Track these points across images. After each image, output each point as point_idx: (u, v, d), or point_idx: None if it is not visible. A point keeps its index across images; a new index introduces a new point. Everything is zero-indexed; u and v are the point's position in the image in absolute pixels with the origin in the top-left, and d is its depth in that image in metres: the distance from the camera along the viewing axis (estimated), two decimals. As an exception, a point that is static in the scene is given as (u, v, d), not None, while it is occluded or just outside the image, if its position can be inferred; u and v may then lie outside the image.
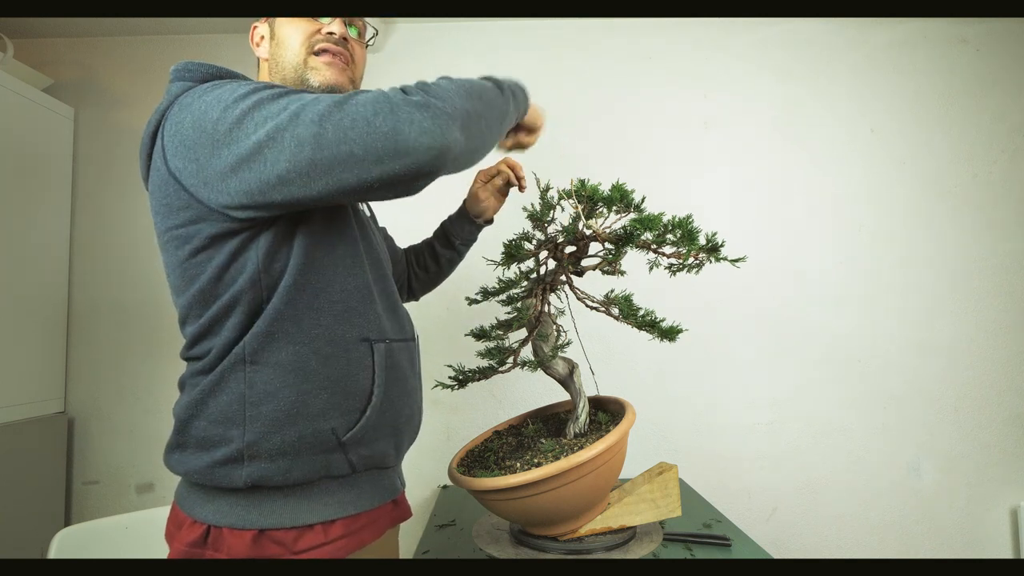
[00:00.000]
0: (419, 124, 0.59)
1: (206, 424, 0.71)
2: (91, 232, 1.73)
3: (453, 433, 1.71)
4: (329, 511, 0.73)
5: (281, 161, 0.59)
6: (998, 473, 1.67)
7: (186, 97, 0.67)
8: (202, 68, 0.72)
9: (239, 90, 0.64)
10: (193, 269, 0.71)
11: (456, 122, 0.62)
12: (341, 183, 0.60)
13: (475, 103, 0.68)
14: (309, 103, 0.60)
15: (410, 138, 0.58)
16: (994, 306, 1.70)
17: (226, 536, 0.70)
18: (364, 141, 0.58)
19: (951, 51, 1.77)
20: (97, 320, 1.71)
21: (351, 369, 0.75)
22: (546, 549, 0.98)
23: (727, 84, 1.77)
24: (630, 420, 0.96)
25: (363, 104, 0.59)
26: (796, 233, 1.74)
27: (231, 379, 0.71)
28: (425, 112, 0.59)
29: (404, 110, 0.59)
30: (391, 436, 0.80)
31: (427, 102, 0.60)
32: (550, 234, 1.06)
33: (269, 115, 0.60)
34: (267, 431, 0.70)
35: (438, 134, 0.60)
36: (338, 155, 0.58)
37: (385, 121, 0.58)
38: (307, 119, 0.58)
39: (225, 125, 0.62)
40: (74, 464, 1.68)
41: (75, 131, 1.74)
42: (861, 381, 1.70)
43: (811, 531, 1.68)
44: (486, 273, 1.19)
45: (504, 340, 1.02)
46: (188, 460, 0.72)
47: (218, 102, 0.63)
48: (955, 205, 1.73)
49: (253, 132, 0.60)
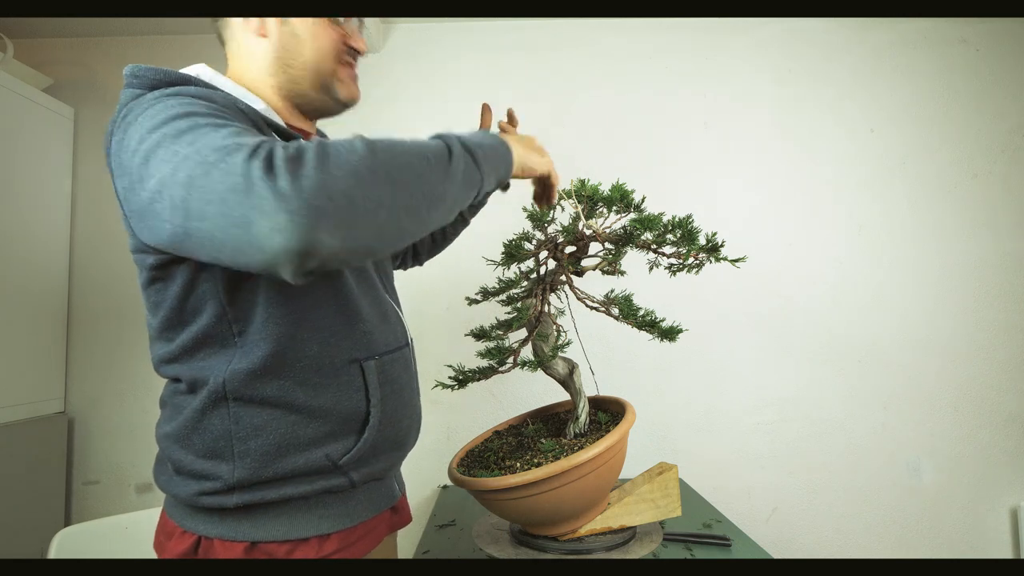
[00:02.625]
0: (271, 218, 0.46)
1: (192, 458, 0.68)
2: (91, 232, 1.73)
3: (453, 433, 1.71)
4: (325, 524, 0.71)
5: (166, 224, 0.52)
6: (998, 473, 1.67)
7: (129, 113, 0.61)
8: (150, 73, 0.66)
9: (157, 118, 0.56)
10: (155, 296, 0.68)
11: (326, 219, 0.47)
12: (219, 261, 0.51)
13: (380, 187, 0.52)
14: (191, 155, 0.50)
15: (260, 234, 0.46)
16: (994, 306, 1.70)
17: (217, 548, 0.67)
18: (219, 224, 0.48)
19: (951, 51, 1.77)
20: (97, 320, 1.71)
21: (343, 394, 0.71)
22: (546, 549, 0.98)
23: (727, 84, 1.77)
24: (630, 420, 0.96)
25: (224, 175, 0.47)
26: (796, 233, 1.74)
27: (214, 415, 0.67)
28: (281, 203, 0.46)
29: (259, 196, 0.46)
30: (392, 450, 0.78)
31: (292, 190, 0.46)
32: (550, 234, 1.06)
33: (163, 161, 0.52)
34: (257, 466, 0.67)
35: (293, 234, 0.46)
36: (202, 232, 0.49)
37: (237, 205, 0.46)
38: (180, 179, 0.50)
39: (135, 164, 0.55)
40: (74, 464, 1.68)
41: (75, 131, 1.74)
42: (861, 381, 1.70)
43: (811, 531, 1.68)
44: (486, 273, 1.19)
45: (504, 340, 1.02)
46: (176, 486, 0.69)
47: (137, 134, 0.56)
48: (955, 205, 1.73)
49: (149, 181, 0.53)
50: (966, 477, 1.67)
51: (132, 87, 0.66)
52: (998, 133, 1.74)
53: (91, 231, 1.73)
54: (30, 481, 1.51)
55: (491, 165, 0.68)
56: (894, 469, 1.68)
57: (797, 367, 1.71)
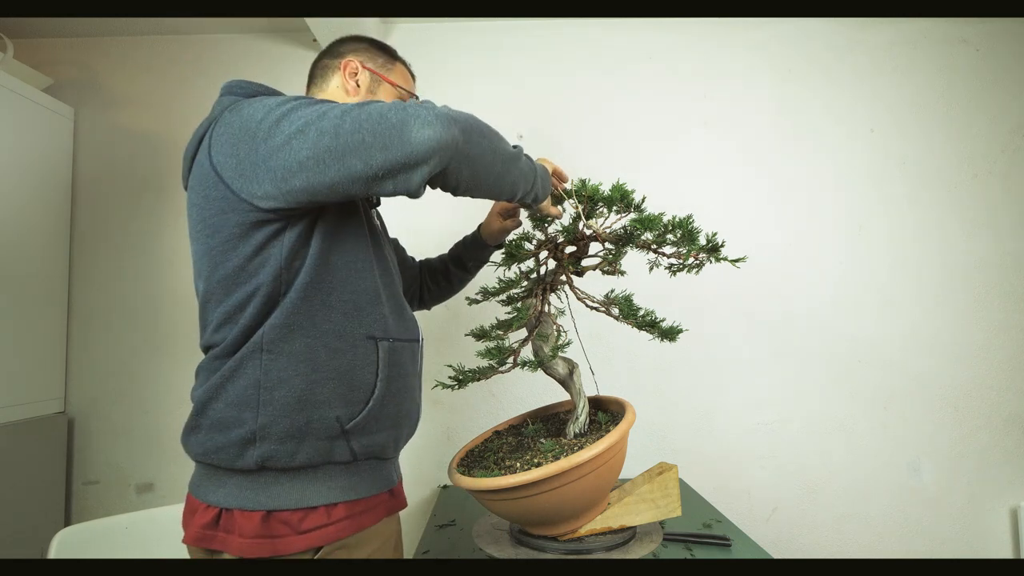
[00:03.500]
0: (424, 118, 0.67)
1: (223, 407, 0.77)
2: (91, 232, 1.73)
3: (453, 433, 1.71)
4: (332, 495, 0.79)
5: (304, 148, 0.68)
6: (998, 473, 1.67)
7: (235, 106, 0.77)
8: (250, 86, 0.83)
9: (283, 98, 0.74)
10: (220, 256, 0.78)
11: (457, 124, 0.71)
12: (350, 170, 0.68)
13: (481, 132, 0.76)
14: (338, 104, 0.70)
15: (414, 128, 0.67)
16: (994, 306, 1.70)
17: (236, 517, 0.75)
18: (375, 129, 0.67)
19: (951, 51, 1.77)
20: (97, 320, 1.71)
21: (357, 363, 0.81)
22: (546, 549, 0.98)
23: (727, 84, 1.77)
24: (630, 420, 0.96)
25: (381, 104, 0.69)
26: (796, 233, 1.74)
27: (248, 365, 0.77)
28: (432, 112, 0.68)
29: (414, 108, 0.68)
30: (391, 428, 0.86)
31: (435, 108, 0.69)
32: (550, 234, 1.06)
33: (303, 115, 0.69)
34: (278, 415, 0.76)
35: (440, 128, 0.68)
36: (351, 143, 0.67)
37: (396, 115, 0.67)
38: (332, 115, 0.68)
39: (267, 124, 0.71)
40: (74, 464, 1.68)
41: (75, 131, 1.74)
42: (861, 381, 1.70)
43: (811, 531, 1.68)
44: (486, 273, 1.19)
45: (504, 340, 1.02)
46: (204, 441, 0.78)
47: (263, 107, 0.73)
48: (955, 205, 1.73)
49: (288, 127, 0.69)
50: (966, 477, 1.67)
51: (232, 94, 0.82)
52: (998, 133, 1.74)
53: (91, 231, 1.73)
54: (30, 481, 1.51)
55: (542, 185, 0.91)
56: (894, 469, 1.68)
57: (797, 367, 1.71)
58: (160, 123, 1.77)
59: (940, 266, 1.72)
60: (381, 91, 0.96)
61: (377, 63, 0.98)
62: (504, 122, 1.76)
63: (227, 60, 1.78)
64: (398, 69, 1.00)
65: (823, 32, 1.78)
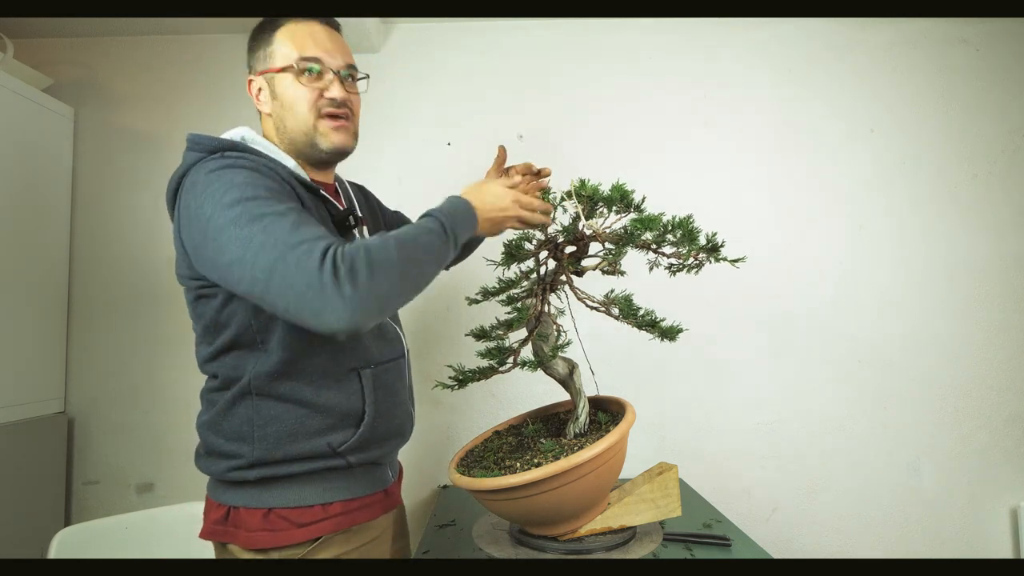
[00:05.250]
0: (337, 313, 0.67)
1: (223, 441, 0.86)
2: (91, 232, 1.73)
3: (453, 433, 1.71)
4: (328, 495, 0.86)
5: (243, 282, 0.71)
6: (998, 473, 1.67)
7: (195, 174, 0.80)
8: (206, 140, 0.85)
9: (228, 195, 0.74)
10: (198, 309, 0.87)
11: (374, 313, 0.70)
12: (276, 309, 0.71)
13: (406, 279, 0.74)
14: (267, 244, 0.69)
15: (328, 320, 0.67)
16: (994, 306, 1.70)
17: (242, 514, 0.85)
18: (295, 305, 0.68)
19: (951, 51, 1.77)
20: (97, 320, 1.71)
21: (343, 395, 0.87)
22: (546, 549, 0.98)
23: (727, 84, 1.77)
24: (630, 420, 0.96)
25: (302, 273, 0.67)
26: (796, 233, 1.74)
27: (240, 405, 0.85)
28: (346, 305, 0.67)
29: (330, 297, 0.66)
30: (384, 442, 0.93)
31: (353, 295, 0.67)
32: (550, 234, 1.06)
33: (240, 240, 0.70)
34: (271, 447, 0.84)
35: (353, 322, 0.68)
36: (277, 302, 0.69)
37: (313, 300, 0.67)
38: (262, 264, 0.68)
39: (211, 228, 0.73)
40: (74, 464, 1.68)
41: (75, 131, 1.74)
42: (861, 381, 1.70)
43: (811, 531, 1.68)
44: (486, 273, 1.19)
45: (504, 340, 1.02)
46: (211, 465, 0.88)
47: (211, 202, 0.74)
48: (955, 205, 1.73)
49: (227, 249, 0.71)
50: (966, 477, 1.67)
51: (193, 150, 0.84)
52: (998, 133, 1.74)
53: (91, 231, 1.73)
54: (30, 481, 1.51)
55: (463, 234, 0.86)
56: (894, 469, 1.68)
57: (797, 367, 1.71)
58: (160, 123, 1.77)
59: (940, 266, 1.72)
60: (278, 85, 0.90)
61: (261, 60, 0.92)
62: (504, 122, 1.77)
63: (227, 60, 1.78)
64: (278, 41, 0.90)
65: (823, 32, 1.78)
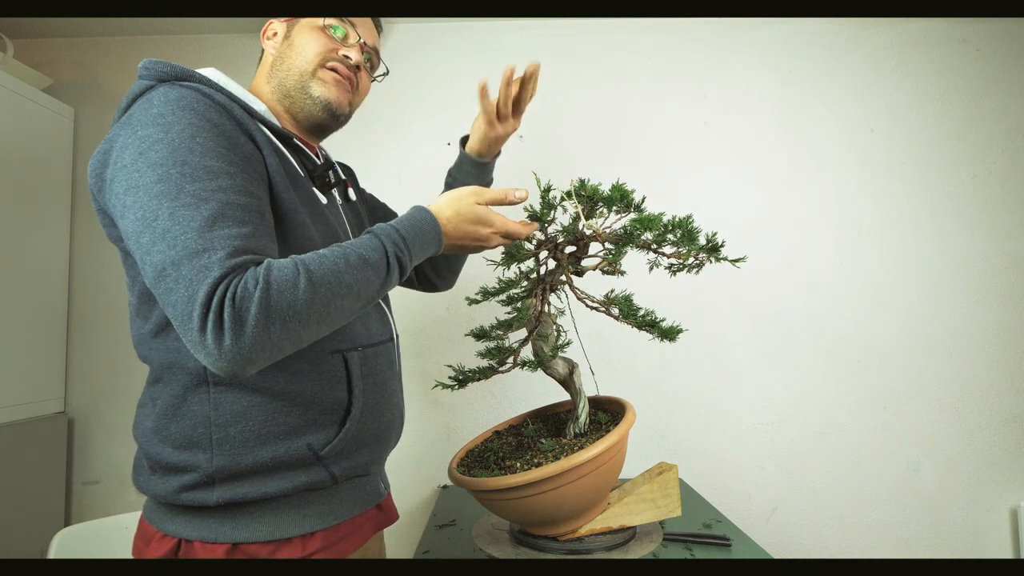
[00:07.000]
0: (211, 359, 0.55)
1: (170, 450, 0.67)
2: (91, 232, 1.73)
3: (453, 433, 1.71)
4: (308, 523, 0.70)
5: (135, 261, 0.62)
6: (998, 473, 1.67)
7: (134, 111, 0.65)
8: (159, 67, 0.71)
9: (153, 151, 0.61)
10: (131, 271, 0.70)
11: (258, 364, 0.57)
12: None
13: (311, 325, 0.59)
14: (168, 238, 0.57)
15: (203, 360, 0.56)
16: (994, 306, 1.70)
17: (198, 550, 0.66)
18: (176, 323, 0.57)
19: (951, 51, 1.77)
20: (97, 320, 1.71)
21: (324, 383, 0.71)
22: (546, 549, 0.98)
23: (727, 84, 1.77)
24: (630, 420, 0.96)
25: (186, 298, 0.55)
26: (796, 233, 1.74)
27: (193, 401, 0.67)
28: (222, 356, 0.55)
29: (207, 342, 0.54)
30: (374, 443, 0.78)
31: (232, 348, 0.54)
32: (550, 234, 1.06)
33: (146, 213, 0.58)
34: (237, 454, 0.66)
35: (228, 373, 0.56)
36: (163, 307, 0.58)
37: (189, 333, 0.55)
38: (154, 259, 0.57)
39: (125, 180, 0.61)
40: (74, 464, 1.68)
41: (75, 131, 1.74)
42: (861, 381, 1.70)
43: (811, 531, 1.68)
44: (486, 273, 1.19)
45: (504, 340, 1.02)
46: (156, 484, 0.68)
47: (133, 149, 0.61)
48: (955, 205, 1.73)
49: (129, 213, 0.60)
50: (966, 477, 1.67)
51: (142, 78, 0.70)
52: (998, 133, 1.74)
53: (91, 231, 1.73)
54: (30, 481, 1.51)
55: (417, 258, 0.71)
56: (894, 469, 1.68)
57: (797, 367, 1.71)
58: (160, 123, 1.76)
59: (940, 266, 1.72)
60: (297, 32, 0.84)
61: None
62: (504, 122, 1.77)
63: (227, 60, 1.78)
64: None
65: (823, 32, 1.78)
